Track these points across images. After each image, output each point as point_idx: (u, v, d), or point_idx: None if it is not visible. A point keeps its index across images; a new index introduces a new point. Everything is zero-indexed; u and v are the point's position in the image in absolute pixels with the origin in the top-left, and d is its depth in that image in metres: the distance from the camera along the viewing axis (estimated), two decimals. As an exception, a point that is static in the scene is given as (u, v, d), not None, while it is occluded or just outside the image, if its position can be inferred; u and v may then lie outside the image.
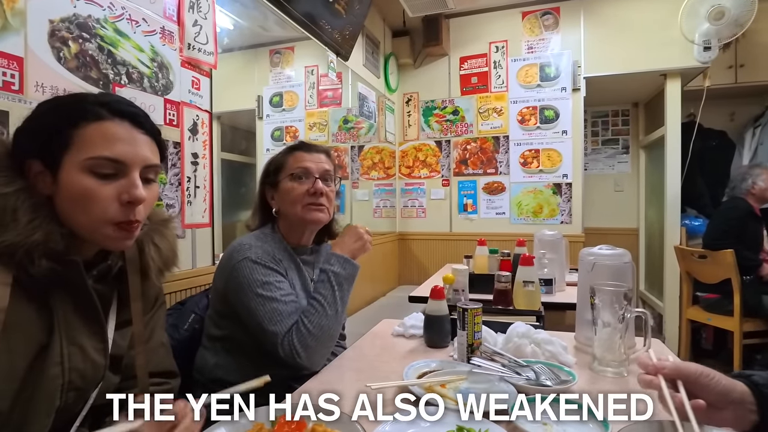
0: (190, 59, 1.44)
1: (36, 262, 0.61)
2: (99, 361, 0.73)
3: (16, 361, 0.63)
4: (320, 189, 1.13)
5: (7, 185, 0.62)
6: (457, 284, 1.32)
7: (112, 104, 0.69)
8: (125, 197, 0.66)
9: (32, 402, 0.65)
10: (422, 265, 3.69)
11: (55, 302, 0.67)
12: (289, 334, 0.98)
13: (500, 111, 3.48)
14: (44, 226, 0.62)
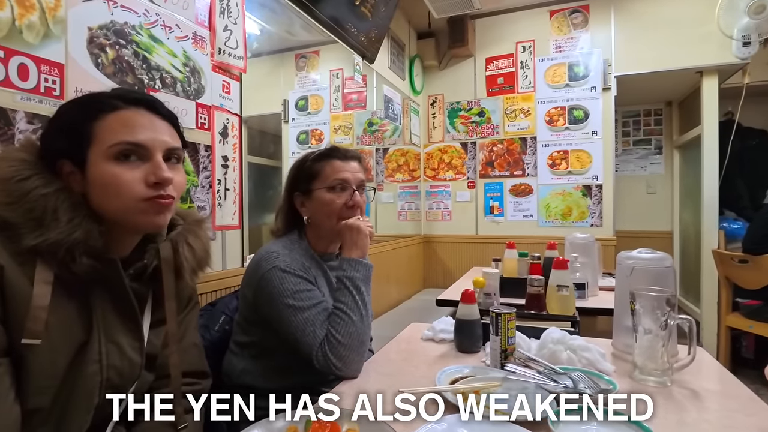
0: (220, 63, 1.46)
1: (77, 259, 0.63)
2: (135, 359, 0.74)
3: (58, 358, 0.64)
4: (358, 203, 1.12)
5: (47, 186, 0.64)
6: (488, 288, 1.30)
7: (127, 94, 0.71)
8: (152, 178, 0.67)
9: (72, 399, 0.66)
10: (448, 268, 3.65)
11: (94, 300, 0.69)
12: (322, 346, 0.97)
13: (527, 112, 3.42)
14: (84, 224, 0.64)
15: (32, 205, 0.61)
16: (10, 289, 0.59)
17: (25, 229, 0.61)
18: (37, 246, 0.60)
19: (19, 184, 0.62)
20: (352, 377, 0.97)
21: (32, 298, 0.60)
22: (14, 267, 0.60)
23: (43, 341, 0.61)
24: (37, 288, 0.60)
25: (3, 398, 0.58)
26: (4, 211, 0.61)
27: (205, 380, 0.92)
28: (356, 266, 1.04)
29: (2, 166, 0.64)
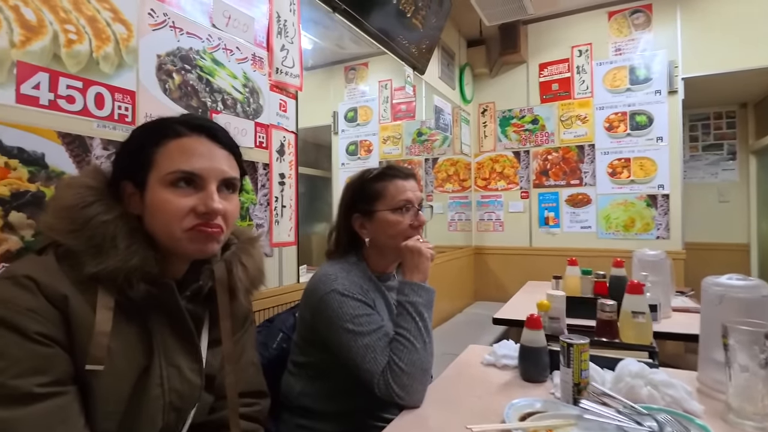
0: (278, 83, 1.49)
1: (135, 285, 0.64)
2: (195, 381, 0.75)
3: (121, 383, 0.65)
4: (423, 222, 1.10)
5: (107, 212, 0.66)
6: (554, 311, 1.22)
7: (190, 121, 0.72)
8: (201, 208, 0.68)
9: (136, 423, 0.67)
10: (500, 280, 3.54)
11: (153, 324, 0.70)
12: (384, 373, 0.94)
13: (584, 118, 3.27)
14: (140, 251, 0.65)
15: (93, 233, 0.63)
16: (74, 317, 0.60)
17: (86, 256, 0.62)
18: (97, 273, 0.62)
19: (83, 211, 0.64)
20: (414, 407, 0.94)
21: (95, 325, 0.61)
22: (77, 295, 0.61)
23: (107, 367, 0.62)
24: (99, 314, 0.62)
25: (74, 425, 0.59)
26: (67, 239, 0.63)
27: (264, 400, 0.92)
28: (418, 291, 1.01)
29: (69, 194, 0.66)
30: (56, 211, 0.65)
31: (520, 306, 2.09)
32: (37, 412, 0.55)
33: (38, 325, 0.57)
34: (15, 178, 0.83)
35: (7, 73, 0.82)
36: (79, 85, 0.93)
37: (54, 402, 0.57)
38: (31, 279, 0.59)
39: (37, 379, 0.56)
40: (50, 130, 0.88)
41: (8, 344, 0.55)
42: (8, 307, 0.56)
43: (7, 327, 0.55)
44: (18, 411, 0.53)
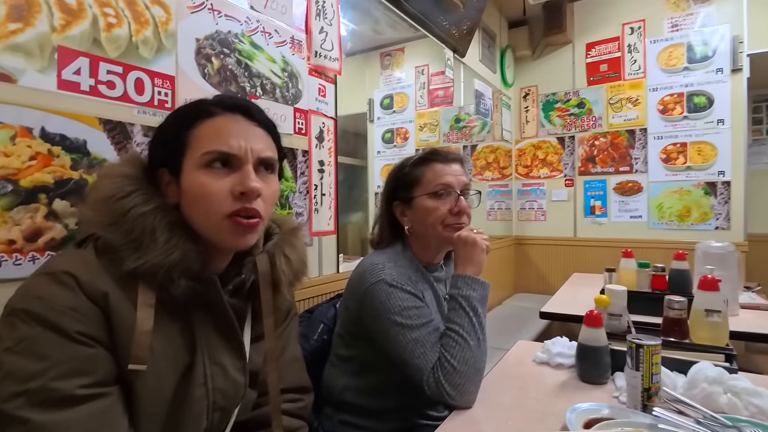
0: (317, 67, 1.44)
1: (176, 282, 0.61)
2: (239, 380, 0.71)
3: (164, 383, 0.62)
4: (464, 208, 1.02)
5: (146, 203, 0.62)
6: (614, 308, 1.12)
7: (224, 101, 0.68)
8: (238, 189, 0.63)
9: (181, 425, 0.64)
10: (541, 272, 3.41)
11: (196, 321, 0.66)
12: (434, 370, 0.89)
13: (636, 101, 3.07)
14: (180, 245, 0.62)
15: (131, 226, 0.60)
16: (115, 315, 0.58)
17: (125, 251, 0.59)
18: (137, 269, 0.59)
19: (120, 202, 0.61)
20: (465, 408, 0.88)
21: (136, 323, 0.58)
22: (118, 292, 0.58)
23: (149, 366, 0.59)
24: (140, 312, 0.59)
25: (117, 426, 0.56)
26: (106, 233, 0.60)
27: (308, 395, 0.88)
28: (473, 285, 0.94)
29: (106, 184, 0.63)
30: (94, 203, 0.62)
31: (568, 299, 1.99)
32: (80, 415, 0.52)
33: (79, 324, 0.54)
34: (58, 166, 0.82)
35: (49, 58, 0.80)
36: (119, 70, 0.91)
37: (97, 404, 0.54)
38: (71, 275, 0.56)
39: (80, 381, 0.53)
40: (92, 117, 0.87)
41: (49, 345, 0.53)
42: (48, 305, 0.54)
43: (47, 326, 0.53)
44: (60, 414, 0.51)
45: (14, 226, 0.76)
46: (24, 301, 0.54)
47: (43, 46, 0.79)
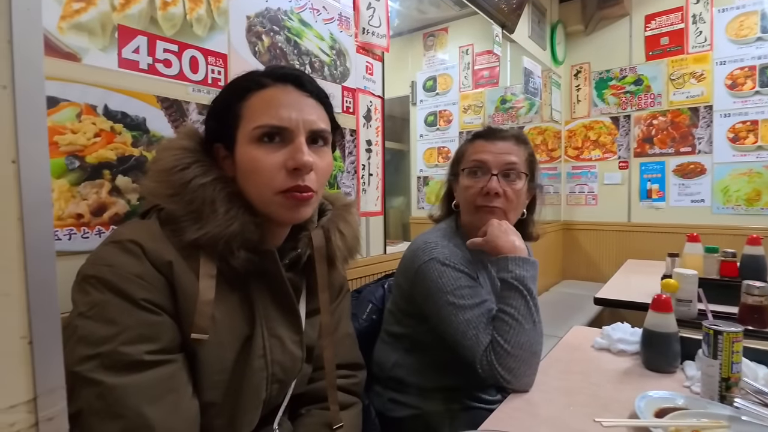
0: (364, 44, 1.41)
1: (235, 253, 0.61)
2: (297, 353, 0.72)
3: (225, 353, 0.63)
4: (493, 188, 0.96)
5: (205, 174, 0.62)
6: (683, 293, 1.05)
7: (275, 71, 0.67)
8: (290, 163, 0.62)
9: (241, 394, 0.65)
10: (591, 259, 3.27)
11: (254, 293, 0.67)
12: (487, 353, 0.86)
13: (700, 76, 2.85)
14: (239, 216, 0.62)
15: (192, 197, 0.60)
16: (179, 284, 0.58)
17: (187, 221, 0.60)
18: (198, 239, 0.59)
19: (180, 173, 0.61)
20: (522, 391, 0.84)
21: (199, 293, 0.58)
22: (181, 261, 0.59)
23: (211, 336, 0.60)
24: (202, 282, 0.59)
25: (182, 392, 0.58)
26: (168, 203, 0.61)
27: (360, 372, 0.88)
28: (523, 264, 0.90)
29: (166, 156, 0.64)
30: (156, 174, 0.63)
31: (623, 285, 1.89)
32: (148, 379, 0.54)
33: (145, 292, 0.56)
34: (120, 143, 0.84)
35: (110, 37, 0.82)
36: (175, 48, 0.92)
37: (163, 370, 0.55)
38: (137, 244, 0.57)
39: (147, 347, 0.54)
40: (150, 95, 0.88)
41: (118, 310, 0.54)
42: (117, 272, 0.55)
43: (115, 293, 0.54)
44: (129, 378, 0.52)
45: (82, 201, 0.79)
46: (94, 267, 0.56)
47: (104, 24, 0.81)
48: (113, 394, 0.51)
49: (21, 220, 0.27)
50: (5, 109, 0.27)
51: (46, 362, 0.29)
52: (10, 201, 0.27)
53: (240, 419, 0.65)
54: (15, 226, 0.28)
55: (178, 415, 0.56)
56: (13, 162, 0.27)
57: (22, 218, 0.27)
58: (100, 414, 0.50)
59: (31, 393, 0.29)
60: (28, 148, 0.28)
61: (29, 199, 0.28)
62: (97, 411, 0.50)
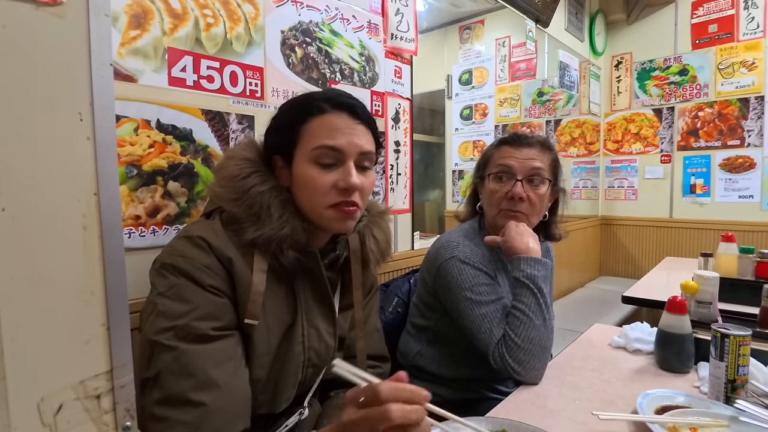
0: (393, 49, 1.47)
1: (285, 252, 0.71)
2: (330, 343, 0.81)
3: (272, 338, 0.73)
4: (518, 194, 1.01)
5: (263, 183, 0.72)
6: (703, 295, 1.05)
7: (333, 98, 0.75)
8: (341, 184, 0.71)
9: (282, 374, 0.75)
10: (630, 255, 3.20)
11: (298, 288, 0.77)
12: (498, 346, 0.92)
13: (752, 65, 2.71)
14: (291, 221, 0.71)
15: (251, 201, 0.71)
16: (237, 276, 0.69)
17: (246, 223, 0.70)
18: (255, 239, 0.69)
19: (243, 181, 0.72)
20: (532, 384, 0.90)
21: (252, 285, 0.69)
22: (239, 258, 0.69)
23: (261, 322, 0.70)
24: (255, 276, 0.69)
25: (239, 361, 0.68)
26: (231, 207, 0.71)
27: (386, 364, 0.96)
28: (535, 265, 0.95)
29: (230, 165, 0.74)
30: (221, 181, 0.74)
31: (657, 284, 1.87)
32: (212, 349, 0.64)
33: (212, 280, 0.66)
34: (171, 152, 0.95)
35: (161, 59, 0.92)
36: (217, 65, 1.02)
37: (224, 342, 0.66)
38: (204, 240, 0.68)
39: (212, 324, 0.65)
40: (196, 108, 0.99)
41: (191, 292, 0.65)
42: (189, 262, 0.66)
43: (189, 278, 0.65)
44: (197, 347, 0.63)
45: (139, 204, 0.90)
46: (171, 257, 0.67)
47: (156, 48, 0.92)
48: (186, 357, 0.62)
49: (101, 238, 0.37)
50: (89, 155, 0.36)
51: (119, 343, 0.40)
52: (93, 225, 0.37)
53: (280, 396, 0.75)
54: (96, 243, 0.37)
55: (236, 377, 0.66)
56: (95, 194, 0.37)
57: (102, 236, 0.37)
58: (176, 374, 0.61)
59: (108, 366, 0.39)
60: (105, 184, 0.37)
61: (106, 222, 0.37)
62: (173, 371, 0.61)
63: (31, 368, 0.35)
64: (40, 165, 0.35)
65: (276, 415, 0.77)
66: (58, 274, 0.36)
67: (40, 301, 0.35)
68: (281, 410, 0.77)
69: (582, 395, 0.85)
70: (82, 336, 0.37)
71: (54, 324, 0.36)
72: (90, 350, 0.38)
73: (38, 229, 0.35)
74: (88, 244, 0.37)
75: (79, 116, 0.36)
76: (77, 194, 0.36)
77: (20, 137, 0.34)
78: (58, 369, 0.37)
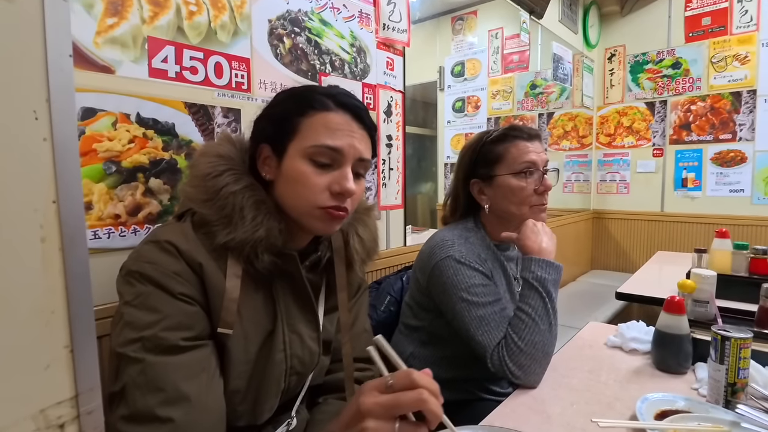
0: (385, 39, 1.43)
1: (260, 256, 0.66)
2: (314, 349, 0.77)
3: (249, 346, 0.69)
4: (549, 187, 1.00)
5: (236, 182, 0.67)
6: (700, 294, 1.04)
7: (337, 96, 0.70)
8: (336, 188, 0.67)
9: (263, 384, 0.71)
10: (621, 249, 3.21)
11: (277, 292, 0.72)
12: (498, 348, 0.89)
13: (744, 58, 2.70)
14: (266, 222, 0.66)
15: (223, 203, 0.66)
16: (209, 282, 0.64)
17: (218, 226, 0.65)
18: (227, 243, 0.65)
19: (214, 180, 0.67)
20: (529, 387, 0.88)
21: (225, 291, 0.64)
22: (211, 262, 0.65)
23: (236, 330, 0.66)
24: (228, 282, 0.65)
25: (213, 372, 0.64)
26: (202, 208, 0.66)
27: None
28: (547, 267, 0.92)
29: (202, 163, 0.69)
30: (193, 180, 0.69)
31: (649, 280, 1.87)
32: (182, 361, 0.60)
33: (182, 287, 0.62)
34: (152, 148, 0.90)
35: (141, 49, 0.87)
36: (200, 56, 0.97)
37: (197, 353, 0.62)
38: (172, 245, 0.63)
39: (183, 334, 0.61)
40: (178, 101, 0.94)
41: (160, 301, 0.61)
42: (157, 269, 0.62)
43: (157, 286, 0.61)
44: (166, 359, 0.59)
45: (119, 203, 0.86)
46: (137, 264, 0.63)
47: (135, 37, 0.87)
48: (154, 370, 0.58)
49: (62, 251, 0.33)
50: (46, 158, 0.32)
51: (85, 366, 0.36)
52: (53, 235, 0.33)
53: (261, 406, 0.72)
54: (57, 256, 0.33)
55: (210, 390, 0.62)
56: (53, 202, 0.33)
57: (63, 248, 0.33)
58: (142, 388, 0.57)
59: (73, 391, 0.35)
60: (65, 190, 0.33)
61: (67, 232, 0.33)
62: (140, 385, 0.57)
63: (-18, 399, 0.31)
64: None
65: (259, 427, 0.74)
66: (12, 293, 0.32)
67: (-9, 323, 0.31)
68: (264, 421, 0.73)
69: (579, 398, 0.83)
70: (42, 360, 0.33)
71: (9, 348, 0.32)
72: (51, 375, 0.34)
73: (-13, 243, 0.31)
74: (47, 257, 0.33)
75: (33, 114, 0.32)
76: (33, 203, 0.32)
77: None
78: (15, 398, 0.33)
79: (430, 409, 0.46)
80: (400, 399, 0.46)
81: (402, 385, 0.47)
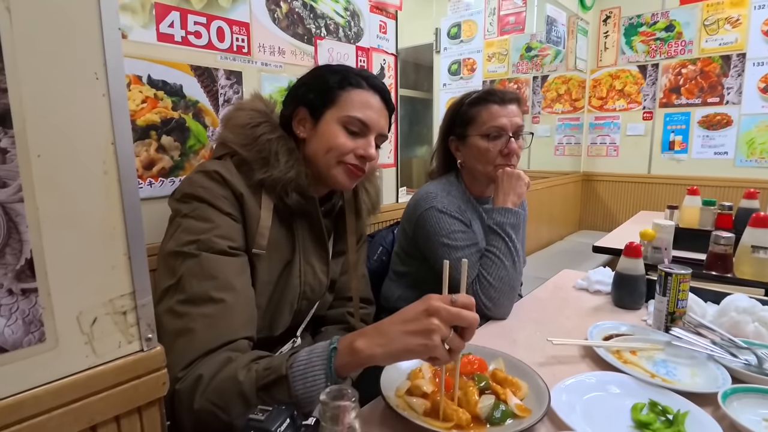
0: (378, 3, 1.48)
1: (289, 194, 0.80)
2: (323, 280, 0.91)
3: (273, 270, 0.83)
4: (514, 150, 1.10)
5: (272, 132, 0.81)
6: (659, 242, 1.16)
7: (370, 78, 0.86)
8: (361, 152, 0.82)
9: (280, 303, 0.85)
10: (609, 210, 3.33)
11: (297, 229, 0.86)
12: (473, 284, 1.02)
13: (736, 21, 2.73)
14: (296, 166, 0.80)
15: (261, 147, 0.79)
16: (247, 210, 0.77)
17: (256, 165, 0.78)
18: (263, 180, 0.78)
19: (253, 129, 0.80)
20: (500, 318, 1.01)
21: (260, 219, 0.78)
22: (249, 195, 0.78)
23: (264, 254, 0.79)
24: (263, 212, 0.79)
25: (247, 277, 0.77)
26: (242, 151, 0.79)
27: (371, 306, 1.07)
28: (505, 213, 1.05)
29: (242, 115, 0.82)
30: (233, 128, 0.82)
31: (627, 235, 1.97)
32: (228, 262, 0.73)
33: (228, 207, 0.75)
34: (163, 108, 0.99)
35: (149, 14, 0.95)
36: (203, 20, 1.04)
37: (238, 259, 0.75)
38: (219, 175, 0.76)
39: (229, 243, 0.73)
40: (185, 64, 1.02)
41: (212, 214, 0.73)
42: (209, 191, 0.74)
43: (209, 204, 0.74)
44: (218, 257, 0.71)
45: (135, 158, 0.96)
46: (191, 188, 0.75)
47: (143, 4, 0.94)
48: (209, 262, 0.70)
49: (119, 182, 0.44)
50: (105, 109, 0.42)
51: (139, 270, 0.48)
52: (112, 170, 0.44)
53: (277, 322, 0.85)
54: (115, 186, 0.44)
55: (249, 288, 0.76)
56: (112, 144, 0.43)
57: (120, 180, 0.44)
58: (198, 276, 0.69)
59: (131, 287, 0.47)
60: (119, 134, 0.43)
61: (123, 168, 0.44)
62: (196, 274, 0.69)
63: (70, 288, 0.43)
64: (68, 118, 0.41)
65: (271, 344, 0.87)
66: (86, 213, 0.43)
67: (73, 234, 0.42)
68: (278, 334, 0.86)
69: (543, 328, 0.96)
70: (109, 263, 0.45)
71: (85, 253, 0.43)
72: (116, 275, 0.45)
73: (68, 174, 0.41)
74: (108, 186, 0.44)
75: (95, 75, 0.42)
76: (98, 143, 0.42)
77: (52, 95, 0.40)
78: (91, 289, 0.44)
79: (473, 331, 0.59)
80: (462, 313, 0.58)
81: (463, 305, 0.59)
